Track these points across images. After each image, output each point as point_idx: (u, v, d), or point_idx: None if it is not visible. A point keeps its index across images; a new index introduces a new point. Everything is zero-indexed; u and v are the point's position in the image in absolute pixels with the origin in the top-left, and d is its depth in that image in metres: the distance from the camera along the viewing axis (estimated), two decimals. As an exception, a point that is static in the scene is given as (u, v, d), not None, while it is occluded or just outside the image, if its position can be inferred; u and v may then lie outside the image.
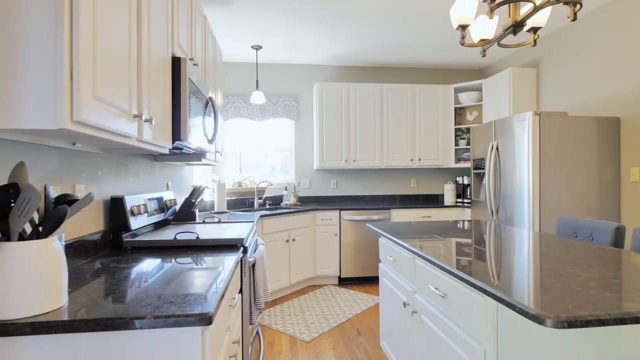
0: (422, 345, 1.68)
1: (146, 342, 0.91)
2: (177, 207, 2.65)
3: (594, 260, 1.44)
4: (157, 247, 1.75)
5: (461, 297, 1.33)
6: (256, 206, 4.27)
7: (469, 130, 4.69)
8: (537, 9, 1.66)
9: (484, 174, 3.63)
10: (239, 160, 4.59)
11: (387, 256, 2.20)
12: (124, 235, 1.73)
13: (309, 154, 4.72)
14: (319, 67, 4.73)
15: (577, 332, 1.11)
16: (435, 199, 4.97)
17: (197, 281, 1.19)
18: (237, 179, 4.50)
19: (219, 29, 3.56)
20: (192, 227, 2.24)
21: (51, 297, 0.92)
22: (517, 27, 1.81)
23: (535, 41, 1.94)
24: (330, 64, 4.71)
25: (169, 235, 1.90)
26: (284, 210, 3.80)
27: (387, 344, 2.24)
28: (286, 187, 4.56)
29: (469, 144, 4.59)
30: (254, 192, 4.32)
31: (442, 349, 1.47)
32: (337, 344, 2.68)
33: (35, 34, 0.90)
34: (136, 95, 1.31)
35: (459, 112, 4.75)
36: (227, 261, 1.47)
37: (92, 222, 1.63)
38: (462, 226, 2.36)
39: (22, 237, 0.92)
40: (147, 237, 1.85)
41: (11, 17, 0.89)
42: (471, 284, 1.20)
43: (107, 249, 1.72)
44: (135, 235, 1.83)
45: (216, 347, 1.07)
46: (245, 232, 2.03)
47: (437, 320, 1.52)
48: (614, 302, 0.97)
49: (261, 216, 3.40)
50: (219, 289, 1.10)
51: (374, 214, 4.17)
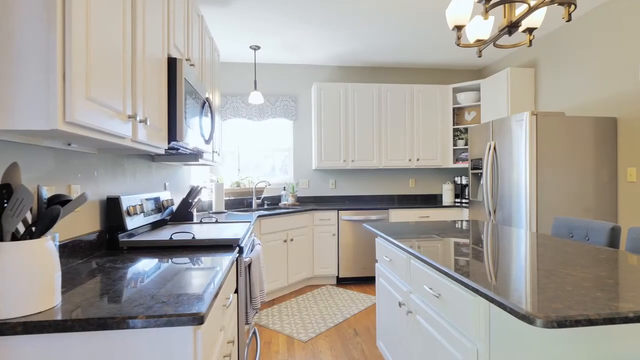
0: (418, 345, 1.68)
1: (139, 342, 0.92)
2: (175, 207, 2.65)
3: (588, 260, 1.45)
4: (153, 247, 1.76)
5: (454, 297, 1.33)
6: (254, 206, 4.27)
7: (467, 130, 4.69)
8: (531, 9, 1.66)
9: (481, 174, 3.63)
10: (238, 160, 4.59)
11: (384, 256, 2.21)
12: (120, 235, 1.74)
13: (307, 154, 4.73)
14: (317, 67, 4.74)
15: (569, 331, 1.11)
16: (433, 199, 4.98)
17: (191, 281, 1.19)
18: (235, 179, 4.50)
19: (217, 29, 3.57)
20: (189, 227, 2.25)
21: (44, 297, 0.93)
22: (512, 27, 1.81)
23: (530, 42, 1.95)
24: (328, 64, 4.72)
25: (165, 235, 1.91)
26: (282, 210, 3.81)
27: (383, 344, 2.25)
28: (284, 187, 4.57)
29: (467, 144, 4.59)
30: (252, 192, 4.33)
31: (437, 348, 1.48)
32: (334, 343, 2.68)
33: (27, 35, 0.90)
34: (130, 96, 1.31)
35: (457, 112, 4.75)
36: (222, 261, 1.48)
37: (88, 222, 1.64)
38: (459, 226, 2.37)
39: (15, 237, 0.93)
40: (143, 237, 1.85)
41: (3, 18, 0.90)
42: (464, 284, 1.20)
43: (103, 249, 1.72)
44: (131, 235, 1.84)
45: (209, 346, 1.08)
46: (241, 232, 2.03)
47: (432, 320, 1.52)
48: (605, 302, 0.97)
49: (259, 216, 3.40)
50: (212, 289, 1.10)
51: (372, 214, 4.18)
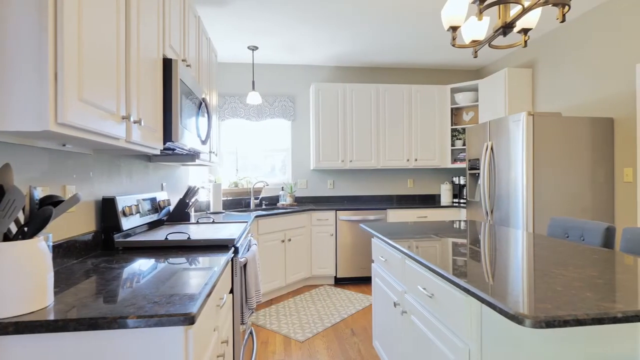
0: (412, 345, 1.69)
1: (130, 342, 0.92)
2: (171, 208, 2.66)
3: (581, 260, 1.45)
4: (148, 247, 1.76)
5: (447, 297, 1.34)
6: (252, 206, 4.28)
7: (465, 130, 4.69)
8: (526, 10, 1.67)
9: (479, 174, 3.64)
10: (236, 160, 4.60)
11: (379, 256, 2.21)
12: (115, 235, 1.74)
13: (305, 154, 4.73)
14: (315, 68, 4.74)
15: (562, 331, 1.12)
16: (432, 199, 4.98)
17: (184, 282, 1.19)
18: (233, 179, 4.51)
19: (214, 29, 3.57)
20: (186, 228, 2.25)
21: (36, 297, 0.93)
22: (507, 28, 1.81)
23: (525, 42, 1.95)
24: (326, 64, 4.72)
25: (161, 235, 1.91)
26: (279, 210, 3.81)
27: (379, 344, 2.25)
28: (282, 187, 4.57)
29: (465, 144, 4.59)
30: (250, 193, 4.33)
31: (430, 348, 1.48)
32: (331, 343, 2.69)
33: (19, 37, 0.91)
34: (124, 96, 1.32)
35: (456, 112, 4.76)
36: (216, 262, 1.48)
37: (84, 223, 1.64)
38: (455, 227, 2.37)
39: (7, 238, 0.94)
40: (138, 237, 1.86)
41: (-5, 21, 0.90)
42: (455, 283, 1.21)
43: (99, 249, 1.73)
44: (127, 235, 1.84)
45: (201, 346, 1.08)
46: (237, 232, 2.04)
47: (425, 320, 1.53)
48: (594, 302, 0.98)
49: (256, 216, 3.41)
50: (204, 289, 1.11)
51: (370, 214, 4.18)
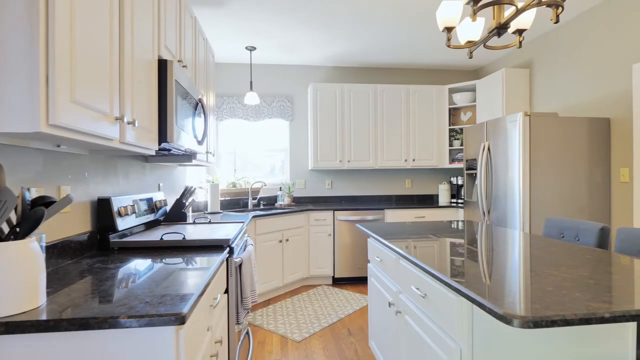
0: (406, 344, 1.69)
1: (121, 342, 0.93)
2: (168, 208, 2.66)
3: (573, 261, 1.46)
4: (143, 247, 1.77)
5: (439, 297, 1.35)
6: (250, 206, 4.29)
7: (463, 130, 4.70)
8: (519, 11, 1.67)
9: (476, 174, 3.64)
10: (234, 160, 4.61)
11: (375, 256, 2.22)
12: (110, 235, 1.75)
13: (303, 154, 4.74)
14: (313, 68, 4.75)
15: (552, 331, 1.12)
16: (430, 199, 4.99)
17: (177, 282, 1.20)
18: (231, 179, 4.52)
19: (212, 30, 3.58)
20: (182, 228, 2.26)
21: (28, 297, 0.94)
22: (501, 29, 1.82)
23: (520, 43, 1.96)
24: (324, 64, 4.73)
25: (157, 235, 1.92)
26: (277, 210, 3.82)
27: (375, 344, 2.26)
28: (280, 187, 4.58)
29: (462, 144, 4.60)
30: (248, 193, 4.34)
31: (423, 348, 1.49)
32: (328, 343, 2.70)
33: (9, 39, 0.91)
34: (118, 97, 1.32)
35: (453, 112, 4.76)
36: (210, 262, 1.49)
37: (79, 223, 1.65)
38: (451, 227, 2.38)
39: (-1, 239, 0.94)
40: (134, 237, 1.86)
41: (-13, 23, 0.91)
42: (446, 283, 1.21)
43: (95, 249, 1.73)
44: (123, 235, 1.85)
45: (193, 346, 1.09)
46: (233, 232, 2.04)
47: (419, 320, 1.53)
48: (584, 303, 0.98)
49: (254, 217, 3.42)
50: (196, 289, 1.11)
51: (367, 215, 4.19)
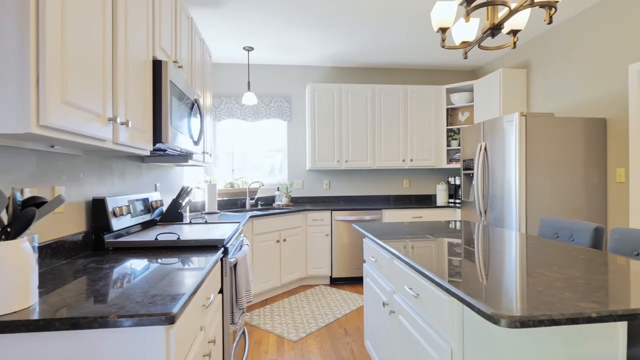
0: (400, 344, 1.70)
1: (111, 341, 0.93)
2: (165, 208, 2.67)
3: (566, 261, 1.46)
4: (138, 247, 1.78)
5: (431, 297, 1.35)
6: (248, 207, 4.29)
7: (460, 130, 4.70)
8: (512, 12, 1.68)
9: (473, 174, 3.65)
10: (232, 161, 4.61)
11: (370, 257, 2.22)
12: (105, 235, 1.75)
13: (301, 154, 4.74)
14: (311, 68, 4.75)
15: (542, 331, 1.13)
16: (427, 199, 4.99)
17: (169, 282, 1.21)
18: (229, 179, 4.52)
19: (209, 30, 3.58)
20: (178, 228, 2.26)
21: (19, 297, 0.95)
22: (494, 29, 1.82)
23: (514, 44, 1.96)
24: (322, 64, 4.73)
25: (152, 236, 1.93)
26: (274, 210, 3.83)
27: (370, 344, 2.26)
28: (278, 187, 4.59)
29: (460, 144, 4.60)
30: (246, 193, 4.34)
31: (416, 348, 1.49)
32: (324, 343, 2.70)
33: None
34: (111, 98, 1.33)
35: (451, 112, 4.77)
36: (204, 262, 1.49)
37: (74, 223, 1.65)
38: (447, 227, 2.38)
39: (-10, 239, 0.95)
40: (129, 237, 1.87)
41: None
42: (437, 283, 1.22)
43: (89, 249, 1.74)
44: (119, 236, 1.85)
45: (184, 345, 1.10)
46: (228, 233, 2.05)
47: (412, 320, 1.54)
48: (571, 303, 0.99)
49: (251, 217, 3.42)
50: (187, 289, 1.12)
51: (365, 215, 4.19)
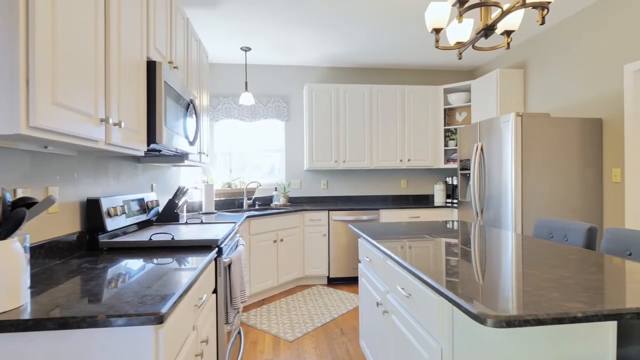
0: (393, 344, 1.70)
1: (101, 340, 0.94)
2: (161, 208, 2.68)
3: (557, 261, 1.47)
4: (132, 247, 1.78)
5: (422, 297, 1.36)
6: (245, 207, 4.30)
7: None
8: (505, 13, 1.68)
9: (470, 174, 3.65)
10: (229, 161, 4.62)
11: (365, 257, 2.23)
12: (100, 236, 1.76)
13: (299, 154, 4.75)
14: (309, 68, 4.76)
15: (530, 331, 1.13)
16: (425, 199, 5.00)
17: (160, 282, 1.21)
18: (227, 179, 4.53)
19: (206, 31, 3.59)
20: (174, 228, 2.27)
21: (8, 297, 0.95)
22: (488, 30, 1.83)
23: (508, 44, 1.97)
24: (320, 65, 4.74)
25: (147, 236, 1.93)
26: (272, 210, 3.83)
27: (365, 343, 2.27)
28: (276, 187, 4.59)
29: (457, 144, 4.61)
30: (244, 193, 4.35)
31: (408, 347, 1.50)
32: (320, 343, 2.71)
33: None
34: (103, 99, 1.34)
35: (449, 112, 4.77)
36: (197, 262, 1.50)
37: (68, 224, 1.66)
38: (443, 228, 2.39)
39: (-20, 239, 0.95)
40: (124, 237, 1.88)
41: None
42: (427, 283, 1.22)
43: (84, 249, 1.75)
44: (114, 236, 1.86)
45: (175, 345, 1.10)
46: (222, 233, 2.06)
47: (404, 319, 1.55)
48: (558, 303, 0.99)
49: (248, 217, 3.43)
50: (178, 290, 1.13)
51: (363, 215, 4.20)
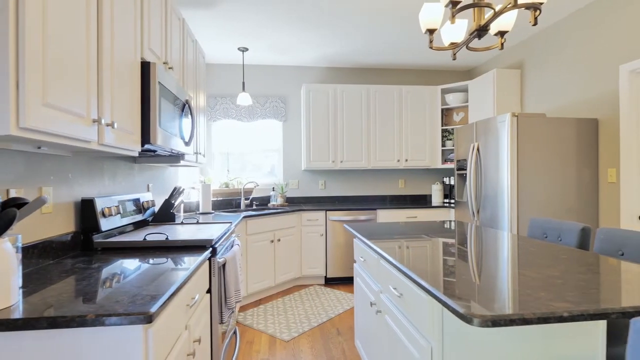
0: (387, 343, 1.71)
1: (90, 340, 0.95)
2: (157, 209, 2.68)
3: (548, 261, 1.47)
4: (126, 247, 1.79)
5: (413, 296, 1.36)
6: (242, 207, 4.31)
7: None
8: (497, 14, 1.69)
9: (466, 174, 3.66)
10: (227, 161, 4.63)
11: (360, 257, 2.24)
12: (94, 236, 1.77)
13: (297, 154, 4.76)
14: (306, 69, 4.77)
15: (521, 330, 1.14)
16: (423, 199, 5.00)
17: (152, 281, 1.22)
18: (224, 179, 4.54)
19: (203, 31, 3.59)
20: (169, 228, 2.28)
21: (-1, 297, 0.96)
22: (481, 31, 1.84)
23: (502, 45, 1.97)
24: (317, 65, 4.74)
25: (142, 236, 1.94)
26: (269, 210, 3.84)
27: (360, 343, 2.28)
28: (273, 187, 4.60)
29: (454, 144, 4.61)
30: (241, 193, 4.36)
31: (400, 347, 1.51)
32: (316, 343, 2.71)
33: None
34: (96, 100, 1.34)
35: (446, 113, 4.78)
36: (191, 262, 1.51)
37: (62, 224, 1.67)
38: (438, 228, 2.40)
39: (-30, 239, 0.96)
40: (119, 238, 1.88)
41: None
42: (417, 283, 1.23)
43: (78, 249, 1.75)
44: (109, 236, 1.87)
45: (165, 345, 1.11)
46: (217, 233, 2.06)
47: (396, 319, 1.55)
48: (545, 302, 1.00)
49: (245, 217, 3.43)
50: (168, 289, 1.13)
51: (360, 215, 4.20)
